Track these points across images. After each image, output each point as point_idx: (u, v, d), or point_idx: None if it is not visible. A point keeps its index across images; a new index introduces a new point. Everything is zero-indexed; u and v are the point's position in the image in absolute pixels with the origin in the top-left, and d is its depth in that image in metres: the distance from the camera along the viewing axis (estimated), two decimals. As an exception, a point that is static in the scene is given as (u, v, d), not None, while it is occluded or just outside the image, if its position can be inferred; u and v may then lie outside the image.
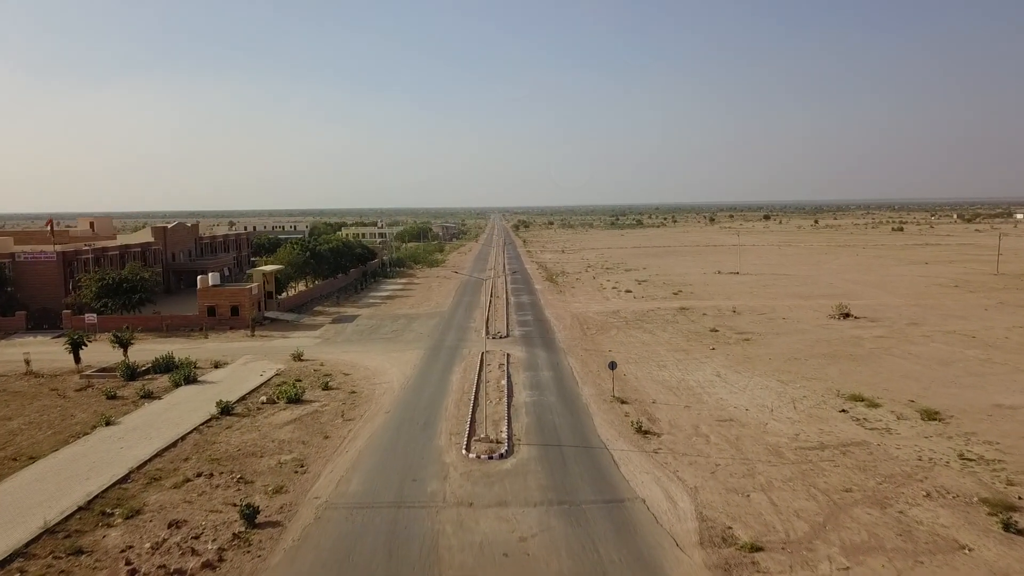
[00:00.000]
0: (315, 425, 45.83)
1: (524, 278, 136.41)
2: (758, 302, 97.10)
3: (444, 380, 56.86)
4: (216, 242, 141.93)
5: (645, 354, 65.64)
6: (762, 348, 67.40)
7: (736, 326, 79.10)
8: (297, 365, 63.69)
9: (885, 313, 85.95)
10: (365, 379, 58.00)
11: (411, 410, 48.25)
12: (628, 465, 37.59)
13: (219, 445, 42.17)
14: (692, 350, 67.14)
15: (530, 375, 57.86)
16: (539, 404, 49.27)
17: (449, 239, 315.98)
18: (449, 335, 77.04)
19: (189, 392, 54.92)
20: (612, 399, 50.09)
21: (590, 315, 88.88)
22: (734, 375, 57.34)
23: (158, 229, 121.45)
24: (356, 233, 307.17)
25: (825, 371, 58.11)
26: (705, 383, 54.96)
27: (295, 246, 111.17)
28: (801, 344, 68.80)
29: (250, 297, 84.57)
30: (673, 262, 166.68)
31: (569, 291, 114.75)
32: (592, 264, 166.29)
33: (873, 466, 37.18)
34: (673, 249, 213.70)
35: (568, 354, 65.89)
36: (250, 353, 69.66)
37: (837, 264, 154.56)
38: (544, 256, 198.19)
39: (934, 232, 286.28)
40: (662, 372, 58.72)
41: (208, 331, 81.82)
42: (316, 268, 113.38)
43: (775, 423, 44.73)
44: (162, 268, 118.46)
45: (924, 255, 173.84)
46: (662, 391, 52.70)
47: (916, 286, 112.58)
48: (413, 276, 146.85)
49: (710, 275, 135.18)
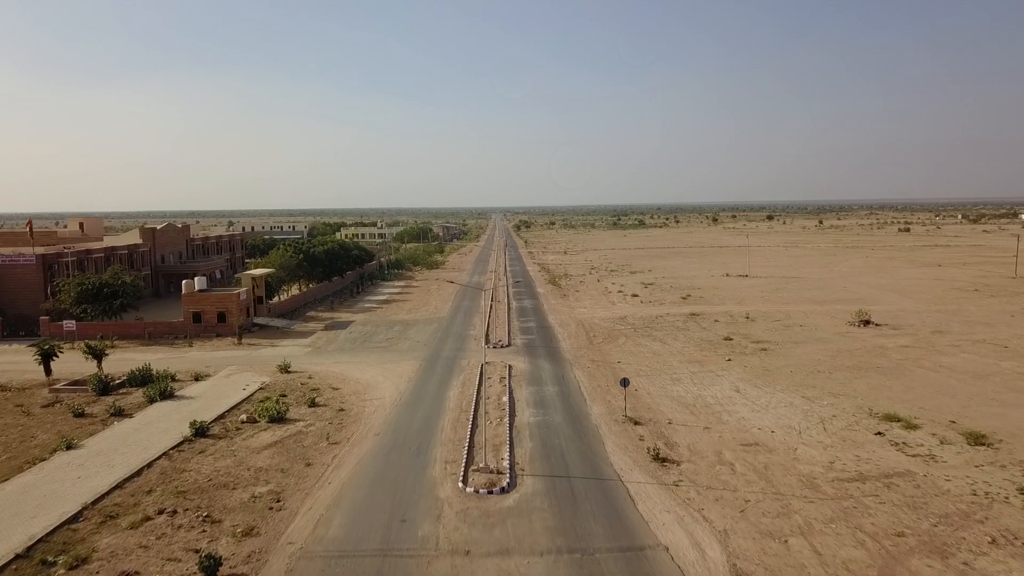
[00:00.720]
0: (297, 450, 41.50)
1: (526, 281, 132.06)
2: (772, 307, 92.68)
3: (440, 396, 52.51)
4: (208, 244, 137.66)
5: (657, 366, 61.26)
6: (781, 359, 63.02)
7: (751, 334, 74.71)
8: (283, 378, 59.37)
9: (906, 320, 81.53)
10: (355, 394, 53.65)
11: (403, 432, 43.90)
12: (646, 502, 33.22)
13: (188, 474, 37.84)
14: (707, 361, 62.76)
15: (534, 390, 53.48)
16: (544, 425, 44.90)
17: (450, 240, 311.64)
18: (447, 344, 72.70)
19: (164, 409, 50.60)
20: (624, 419, 45.73)
21: (596, 321, 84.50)
22: (754, 390, 52.96)
23: (147, 230, 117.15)
24: (356, 233, 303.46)
25: (852, 386, 53.73)
26: (724, 400, 50.59)
27: (288, 248, 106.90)
28: (822, 355, 64.40)
29: (238, 303, 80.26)
30: (679, 264, 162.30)
31: (573, 295, 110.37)
32: (596, 266, 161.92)
33: (924, 503, 32.81)
34: (678, 250, 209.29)
35: (574, 366, 61.52)
36: (235, 364, 65.36)
37: (848, 266, 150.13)
38: (546, 257, 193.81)
39: (941, 233, 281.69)
40: (676, 387, 54.34)
41: (193, 339, 77.54)
42: (310, 271, 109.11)
43: (805, 448, 40.36)
44: (151, 271, 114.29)
45: (935, 257, 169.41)
46: (678, 409, 48.33)
47: (933, 290, 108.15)
48: (412, 278, 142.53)
49: (718, 278, 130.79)
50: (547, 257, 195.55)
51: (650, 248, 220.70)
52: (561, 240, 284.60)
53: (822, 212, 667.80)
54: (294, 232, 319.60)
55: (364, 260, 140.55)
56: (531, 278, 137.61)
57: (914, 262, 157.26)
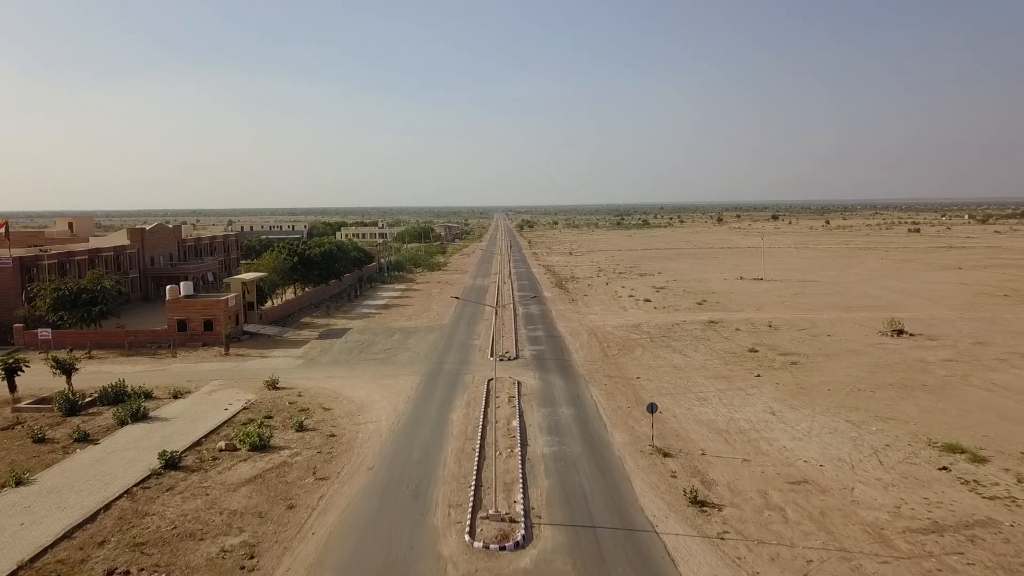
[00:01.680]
0: (279, 487, 36.20)
1: (532, 284, 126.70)
2: (794, 314, 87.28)
3: (443, 419, 47.19)
4: (201, 245, 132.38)
5: (680, 383, 55.92)
6: (815, 375, 57.66)
7: (777, 345, 69.36)
8: (270, 395, 54.09)
9: (941, 329, 76.14)
10: (348, 416, 48.35)
11: (401, 465, 38.59)
12: (689, 562, 27.92)
13: (150, 520, 32.57)
14: (734, 377, 57.42)
15: (547, 413, 48.13)
16: (561, 458, 39.55)
17: (452, 240, 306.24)
18: (449, 356, 67.39)
19: (134, 434, 45.34)
20: (651, 450, 40.40)
21: (608, 330, 79.15)
22: (791, 412, 47.63)
23: (135, 231, 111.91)
24: (356, 233, 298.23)
25: (900, 407, 48.37)
26: (759, 424, 45.26)
27: (281, 251, 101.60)
28: (859, 370, 59.04)
29: (225, 310, 74.98)
30: (689, 266, 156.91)
31: (582, 300, 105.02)
32: (603, 268, 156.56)
33: (1021, 565, 27.49)
34: (686, 251, 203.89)
35: (589, 382, 56.17)
36: (220, 378, 60.12)
37: (864, 269, 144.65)
38: (551, 259, 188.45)
39: (952, 234, 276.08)
40: (704, 408, 49.00)
41: (178, 349, 72.29)
42: (305, 274, 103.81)
43: (863, 487, 35.01)
44: (139, 274, 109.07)
45: (953, 259, 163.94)
46: (710, 436, 43.00)
47: (961, 295, 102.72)
48: (412, 281, 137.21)
49: (732, 281, 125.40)
50: (552, 258, 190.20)
51: (657, 249, 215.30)
52: (565, 240, 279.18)
53: (826, 212, 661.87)
54: (293, 232, 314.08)
55: (363, 262, 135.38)
56: (537, 281, 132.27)
57: (932, 264, 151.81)
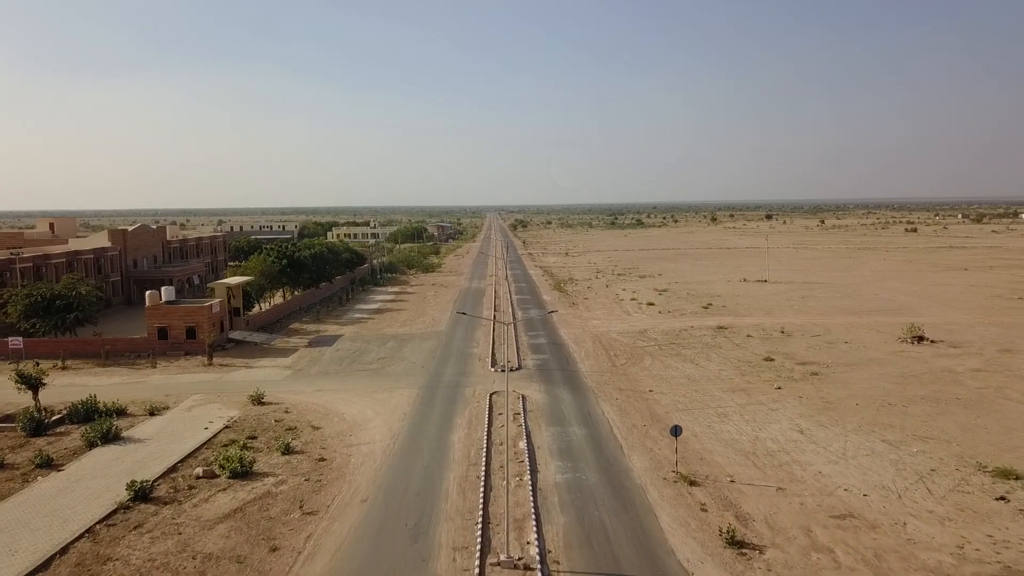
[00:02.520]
0: (261, 523, 32.18)
1: (529, 287, 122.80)
2: (805, 320, 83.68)
3: (443, 440, 43.24)
4: (187, 246, 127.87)
5: (696, 396, 52.14)
6: (839, 387, 53.99)
7: (793, 353, 65.72)
8: (255, 412, 50.02)
9: (963, 335, 72.68)
10: (339, 436, 44.33)
11: (398, 497, 34.61)
12: (735, 622, 24.08)
13: (112, 566, 28.52)
14: (753, 390, 53.68)
15: (556, 432, 44.23)
16: (577, 487, 35.65)
17: (445, 240, 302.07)
18: (447, 366, 63.42)
19: (103, 458, 41.24)
20: (676, 477, 36.56)
21: (614, 336, 75.34)
22: (821, 431, 43.90)
23: (116, 232, 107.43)
24: (348, 233, 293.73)
25: (938, 425, 44.73)
26: (788, 444, 41.52)
27: (269, 253, 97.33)
28: (885, 381, 55.43)
29: (209, 316, 70.78)
30: (689, 267, 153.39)
31: (583, 303, 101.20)
32: (601, 269, 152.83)
33: (1118, 623, 23.78)
34: (684, 252, 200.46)
35: (599, 396, 52.30)
36: (201, 391, 55.99)
37: (868, 270, 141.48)
38: (547, 259, 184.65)
39: (949, 233, 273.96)
40: (726, 425, 45.23)
41: (158, 358, 68.03)
42: (295, 278, 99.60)
43: (917, 523, 31.28)
44: (120, 277, 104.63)
45: (956, 259, 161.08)
46: (737, 459, 39.21)
47: (974, 298, 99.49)
48: (406, 283, 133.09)
49: (735, 283, 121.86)
50: (548, 259, 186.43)
51: (654, 250, 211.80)
52: (560, 240, 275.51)
53: (819, 211, 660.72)
54: (284, 232, 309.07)
55: (355, 264, 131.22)
56: (534, 283, 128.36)
57: (936, 265, 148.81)
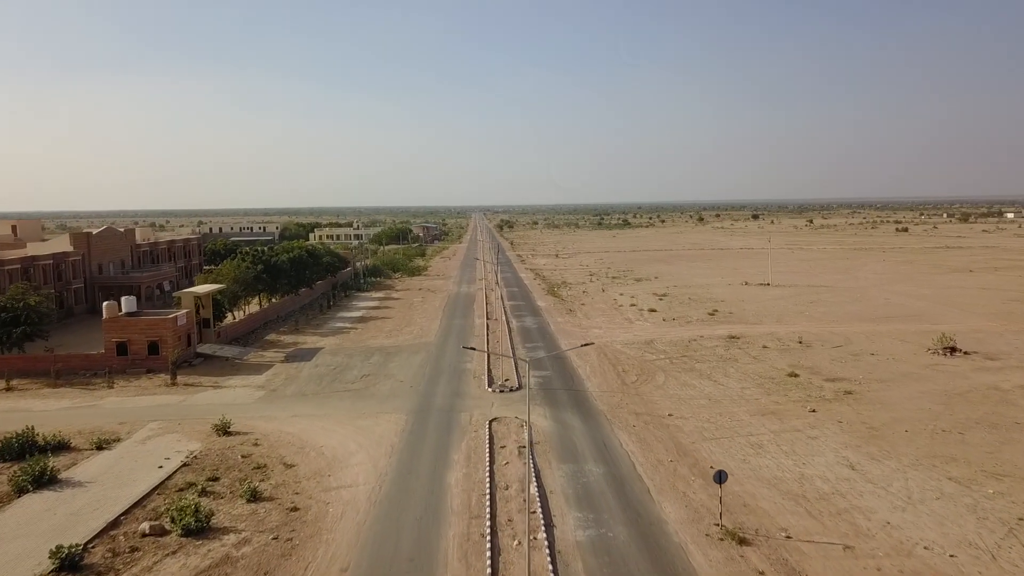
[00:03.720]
0: (215, 605, 25.74)
1: (522, 292, 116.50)
2: (821, 327, 78.11)
3: (438, 482, 36.90)
4: (158, 250, 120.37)
5: (722, 421, 46.17)
6: (880, 409, 48.25)
7: (818, 367, 60.01)
8: (220, 444, 43.44)
9: (995, 345, 67.41)
10: (316, 477, 37.90)
11: (385, 565, 28.24)
12: None
13: (15, 677, 21.98)
14: (784, 412, 47.82)
15: (570, 472, 38.01)
16: (603, 548, 29.44)
17: (431, 241, 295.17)
18: (439, 385, 57.03)
19: (33, 508, 34.56)
20: (722, 533, 30.47)
21: (619, 348, 69.29)
22: (874, 465, 38.07)
23: (79, 235, 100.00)
24: (331, 234, 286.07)
25: (1006, 457, 39.03)
26: (840, 483, 35.62)
27: (244, 258, 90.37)
28: (929, 401, 49.79)
29: (174, 329, 63.95)
30: (685, 269, 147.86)
31: (580, 310, 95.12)
32: (594, 272, 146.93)
33: None
34: (677, 253, 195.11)
35: (614, 423, 46.15)
36: (161, 417, 49.33)
37: (871, 273, 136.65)
38: (537, 262, 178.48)
39: (940, 233, 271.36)
40: (763, 459, 39.28)
41: (116, 376, 61.17)
42: (272, 284, 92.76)
43: (1026, 595, 25.42)
44: (84, 283, 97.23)
45: (957, 260, 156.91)
46: (786, 505, 33.22)
47: (990, 302, 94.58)
48: (391, 288, 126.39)
49: (737, 287, 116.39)
50: (538, 261, 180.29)
51: (646, 251, 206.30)
52: (548, 241, 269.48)
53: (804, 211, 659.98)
54: (264, 234, 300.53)
55: (337, 268, 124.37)
56: (527, 288, 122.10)
57: (939, 267, 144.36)
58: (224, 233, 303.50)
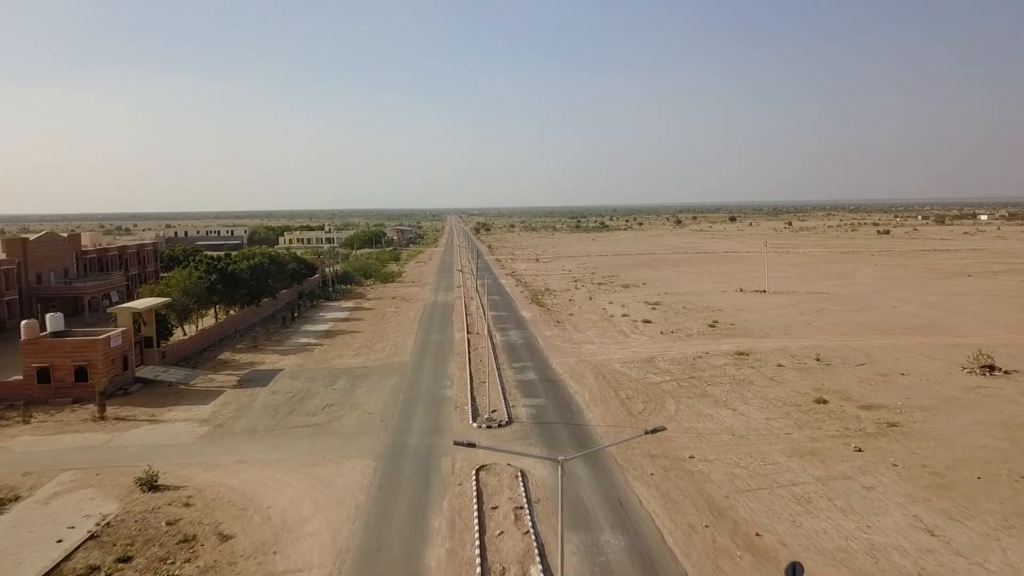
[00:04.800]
0: None
1: (504, 300, 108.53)
2: (835, 341, 71.26)
3: (414, 565, 28.79)
4: (107, 257, 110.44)
5: (754, 464, 38.62)
6: (934, 446, 41.09)
7: (847, 391, 52.87)
8: (143, 504, 34.96)
9: (1032, 362, 60.96)
10: (257, 556, 29.59)
11: None
12: None
13: None
14: (824, 452, 40.44)
15: (583, 545, 30.08)
16: None
17: (405, 244, 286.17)
18: (414, 418, 48.83)
19: None
20: (797, 649, 22.84)
21: (617, 368, 61.69)
22: (955, 529, 30.75)
23: (13, 241, 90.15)
24: (301, 238, 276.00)
25: (1109, 514, 31.95)
26: (924, 558, 28.25)
27: (197, 267, 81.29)
28: (987, 434, 42.77)
29: (105, 352, 55.06)
30: (673, 275, 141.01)
31: (569, 321, 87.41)
32: (578, 277, 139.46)
33: None
34: (660, 257, 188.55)
35: (627, 471, 38.24)
36: (78, 464, 40.68)
37: (868, 278, 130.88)
38: (517, 266, 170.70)
39: (922, 235, 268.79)
40: (816, 520, 31.76)
41: (37, 408, 52.18)
42: (229, 295, 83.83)
43: None
44: (18, 294, 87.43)
45: (952, 264, 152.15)
46: (866, 596, 25.67)
47: (1004, 310, 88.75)
48: (363, 296, 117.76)
49: (732, 294, 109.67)
50: (518, 265, 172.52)
51: (629, 255, 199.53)
52: (527, 245, 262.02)
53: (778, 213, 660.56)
54: (232, 237, 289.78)
55: (303, 275, 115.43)
56: (509, 296, 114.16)
57: (935, 271, 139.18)
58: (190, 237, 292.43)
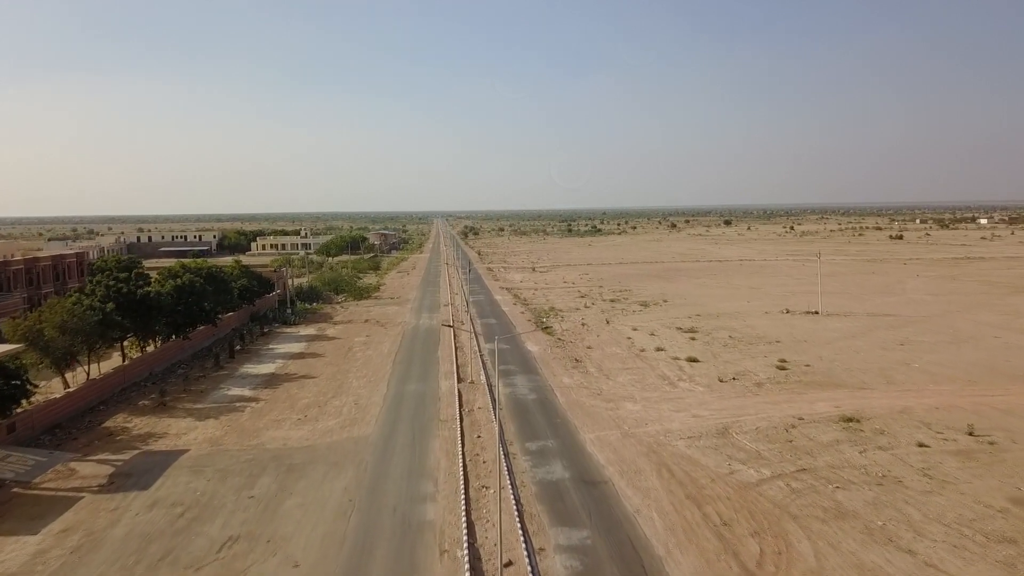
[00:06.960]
0: None
1: (502, 325, 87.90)
2: (969, 397, 51.52)
3: None
4: (8, 271, 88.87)
5: None
6: None
7: (1068, 505, 33.07)
8: None
9: None
10: None
11: None
12: None
13: None
14: None
15: None
16: None
17: (388, 250, 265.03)
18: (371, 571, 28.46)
19: None
20: None
21: (682, 451, 41.46)
22: None
23: None
24: (275, 243, 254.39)
25: None
26: None
27: (95, 288, 60.24)
28: None
29: None
30: (694, 289, 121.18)
31: (589, 358, 67.00)
32: (585, 292, 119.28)
33: None
34: (671, 266, 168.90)
35: None
36: None
37: (921, 293, 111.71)
38: (512, 277, 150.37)
39: (937, 240, 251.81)
40: None
41: None
42: (142, 325, 63.03)
43: None
44: None
45: (998, 274, 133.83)
46: None
47: None
48: (330, 318, 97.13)
49: (776, 316, 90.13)
50: (512, 276, 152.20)
51: (634, 263, 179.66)
52: (520, 251, 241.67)
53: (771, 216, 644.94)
54: (200, 243, 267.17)
55: (256, 293, 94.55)
56: (507, 319, 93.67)
57: (991, 283, 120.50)
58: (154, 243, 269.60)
